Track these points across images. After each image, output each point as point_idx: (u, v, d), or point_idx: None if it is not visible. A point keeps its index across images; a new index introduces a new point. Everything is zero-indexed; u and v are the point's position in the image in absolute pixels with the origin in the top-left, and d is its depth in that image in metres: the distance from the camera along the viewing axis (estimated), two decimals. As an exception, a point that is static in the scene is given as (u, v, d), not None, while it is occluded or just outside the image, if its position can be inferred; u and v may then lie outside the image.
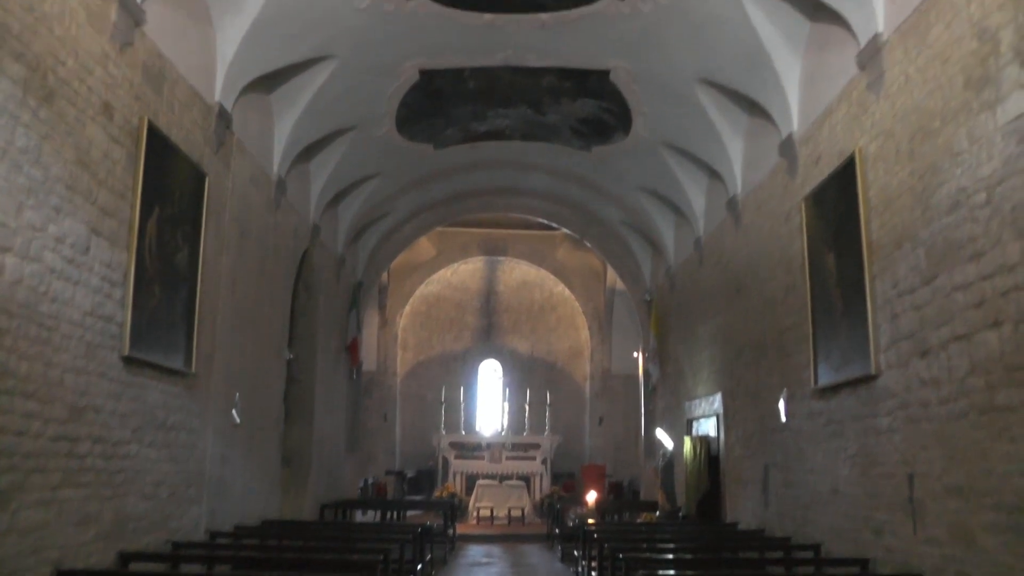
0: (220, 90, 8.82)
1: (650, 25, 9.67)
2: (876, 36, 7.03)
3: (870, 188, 7.23)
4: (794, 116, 9.12)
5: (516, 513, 18.70)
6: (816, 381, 8.33)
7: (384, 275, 22.06)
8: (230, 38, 8.73)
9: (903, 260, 6.59)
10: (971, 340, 5.60)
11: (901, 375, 6.62)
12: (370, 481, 19.78)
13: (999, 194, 5.27)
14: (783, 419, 9.48)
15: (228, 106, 9.00)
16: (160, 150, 7.39)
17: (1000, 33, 5.30)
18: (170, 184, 7.64)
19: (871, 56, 7.14)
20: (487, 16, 9.88)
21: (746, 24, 8.75)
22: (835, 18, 7.74)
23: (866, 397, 7.29)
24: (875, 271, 7.10)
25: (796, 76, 9.03)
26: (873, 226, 7.15)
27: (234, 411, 9.53)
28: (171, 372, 7.80)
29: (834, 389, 8.00)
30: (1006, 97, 5.22)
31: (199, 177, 8.26)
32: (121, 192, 6.81)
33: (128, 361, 6.93)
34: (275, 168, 10.98)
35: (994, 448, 5.31)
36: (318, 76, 10.45)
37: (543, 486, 20.91)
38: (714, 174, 12.28)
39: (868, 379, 7.18)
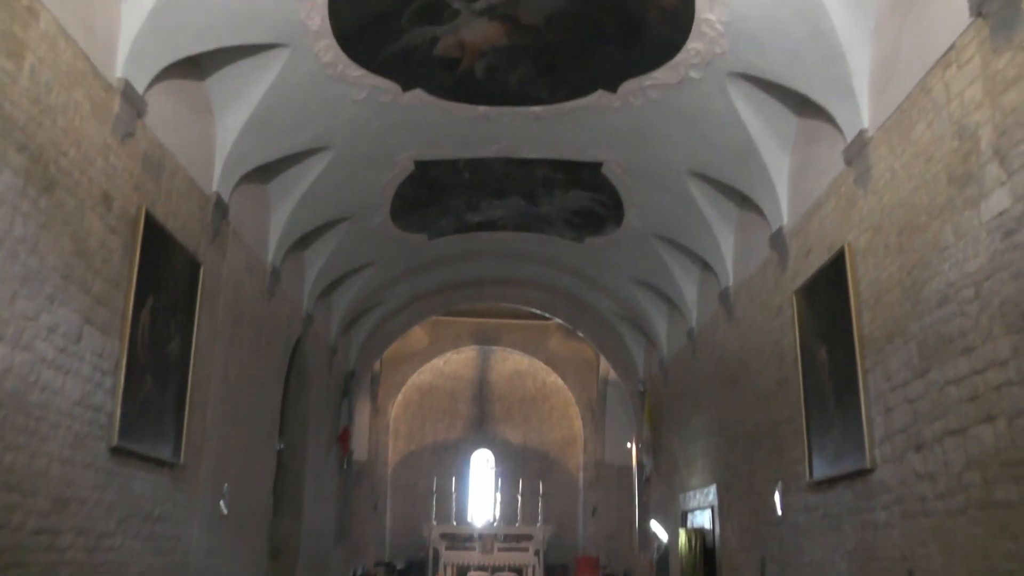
0: (218, 180, 8.95)
1: (641, 119, 9.89)
2: (861, 132, 7.18)
3: (860, 282, 7.29)
4: (784, 209, 9.25)
5: (508, 608, 18.24)
6: (811, 474, 8.25)
7: (376, 364, 21.97)
8: (229, 129, 8.89)
9: (895, 354, 6.60)
10: (966, 435, 5.57)
11: (897, 469, 6.57)
12: (359, 572, 19.34)
13: (987, 289, 5.32)
14: (779, 512, 9.35)
15: (225, 196, 9.11)
16: (156, 240, 7.44)
17: (979, 132, 5.43)
18: (165, 273, 7.68)
19: (857, 152, 7.29)
20: (481, 108, 10.10)
21: (735, 119, 8.95)
22: (821, 114, 7.93)
23: (862, 491, 7.21)
24: (867, 365, 7.10)
25: (785, 170, 9.20)
26: (864, 320, 7.19)
27: (222, 502, 9.37)
28: (159, 462, 7.69)
29: (830, 483, 7.92)
30: (988, 194, 5.31)
31: (194, 266, 8.31)
32: (116, 281, 6.84)
33: (116, 451, 6.84)
34: (270, 257, 11.05)
35: (995, 545, 5.23)
36: (315, 166, 10.61)
37: (536, 579, 20.45)
38: (706, 266, 12.39)
39: (863, 473, 7.12)
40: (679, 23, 8.02)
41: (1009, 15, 5.08)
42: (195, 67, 8.20)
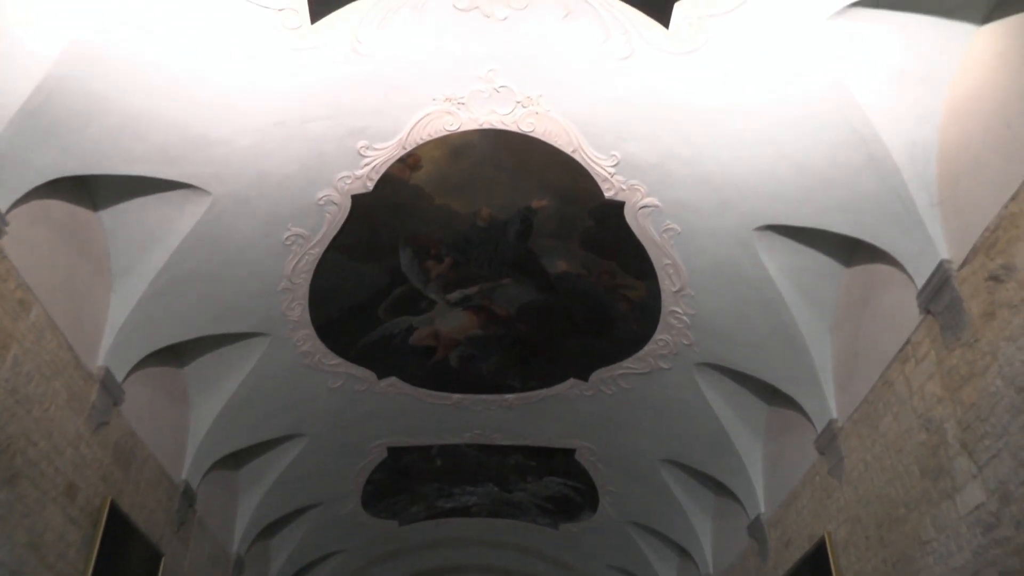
0: (188, 468, 8.80)
1: (612, 408, 10.02)
2: (831, 423, 7.29)
3: (844, 574, 7.09)
4: (760, 498, 9.16)
5: None
6: None
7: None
8: (204, 416, 8.88)
9: (889, 653, 6.30)
10: None
11: None
12: None
13: (976, 586, 5.18)
14: None
15: (194, 484, 8.92)
16: (118, 531, 7.17)
17: (945, 425, 5.52)
18: (124, 566, 7.33)
19: (828, 442, 7.36)
20: (455, 396, 10.22)
21: (706, 408, 9.09)
22: (791, 403, 8.08)
23: None
24: (862, 665, 6.74)
25: (759, 458, 9.21)
26: (853, 615, 6.93)
27: None
28: None
29: None
30: (962, 488, 5.31)
31: (155, 558, 7.97)
32: (70, 576, 6.51)
33: None
34: (235, 547, 10.63)
35: None
36: (287, 454, 10.50)
37: None
38: (684, 553, 12.05)
39: None
40: (647, 315, 8.37)
41: (954, 315, 5.34)
42: (174, 355, 8.32)
